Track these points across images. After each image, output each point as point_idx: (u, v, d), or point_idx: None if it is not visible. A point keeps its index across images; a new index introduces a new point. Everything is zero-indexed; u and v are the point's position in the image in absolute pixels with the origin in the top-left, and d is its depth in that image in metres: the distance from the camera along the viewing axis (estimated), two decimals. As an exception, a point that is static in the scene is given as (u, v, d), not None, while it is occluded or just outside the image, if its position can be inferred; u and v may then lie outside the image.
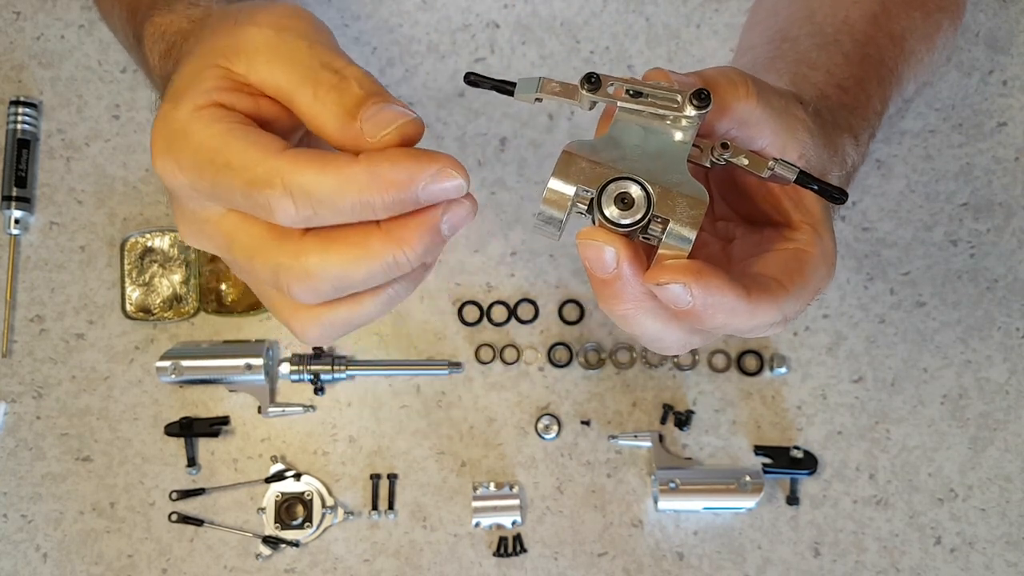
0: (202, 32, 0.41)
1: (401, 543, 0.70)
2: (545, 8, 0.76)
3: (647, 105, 0.37)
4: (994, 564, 0.71)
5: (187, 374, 0.69)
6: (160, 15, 0.46)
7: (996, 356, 0.73)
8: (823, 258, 0.42)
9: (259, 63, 0.36)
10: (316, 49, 0.36)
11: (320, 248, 0.35)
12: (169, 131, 0.36)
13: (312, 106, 0.35)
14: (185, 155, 0.35)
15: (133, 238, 0.72)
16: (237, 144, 0.34)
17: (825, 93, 0.49)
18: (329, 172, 0.33)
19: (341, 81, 0.35)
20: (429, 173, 0.34)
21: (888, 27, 0.54)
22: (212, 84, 0.36)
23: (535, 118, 0.75)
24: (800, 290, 0.40)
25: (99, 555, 0.70)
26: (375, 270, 0.35)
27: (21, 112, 0.73)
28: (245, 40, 0.36)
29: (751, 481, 0.68)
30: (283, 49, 0.36)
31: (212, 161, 0.35)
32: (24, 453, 0.71)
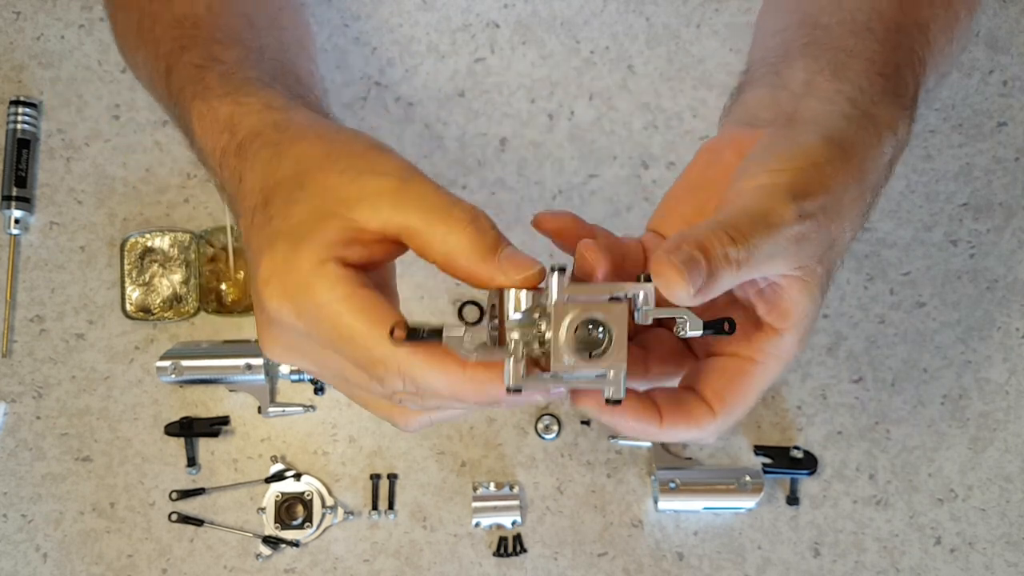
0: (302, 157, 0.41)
1: (401, 543, 0.71)
2: (545, 8, 0.76)
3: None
4: (994, 564, 0.71)
5: (187, 374, 0.69)
6: (219, 102, 0.45)
7: (996, 356, 0.73)
8: (776, 360, 0.42)
9: (385, 208, 0.38)
10: (442, 192, 0.39)
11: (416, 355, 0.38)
12: (290, 278, 0.38)
13: (444, 242, 0.38)
14: (307, 308, 0.38)
15: (133, 238, 0.72)
16: (359, 320, 0.37)
17: (868, 82, 0.46)
18: (441, 375, 0.37)
19: (476, 219, 0.38)
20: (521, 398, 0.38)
21: (914, 15, 0.52)
22: (334, 236, 0.38)
23: (535, 118, 0.75)
24: (732, 410, 0.42)
25: (99, 555, 0.70)
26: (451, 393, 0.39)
27: (21, 112, 0.73)
28: (370, 189, 0.38)
29: (751, 481, 0.68)
30: (412, 193, 0.38)
31: (334, 326, 0.38)
32: (24, 453, 0.71)
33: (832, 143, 0.42)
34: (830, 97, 0.45)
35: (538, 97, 0.75)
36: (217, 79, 0.47)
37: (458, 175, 0.74)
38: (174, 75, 0.50)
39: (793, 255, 0.39)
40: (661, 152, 0.75)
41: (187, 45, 0.50)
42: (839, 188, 0.41)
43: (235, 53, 0.49)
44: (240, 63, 0.48)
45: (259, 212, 0.41)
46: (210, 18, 0.51)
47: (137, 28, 0.56)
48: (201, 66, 0.48)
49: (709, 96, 0.75)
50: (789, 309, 0.41)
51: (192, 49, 0.49)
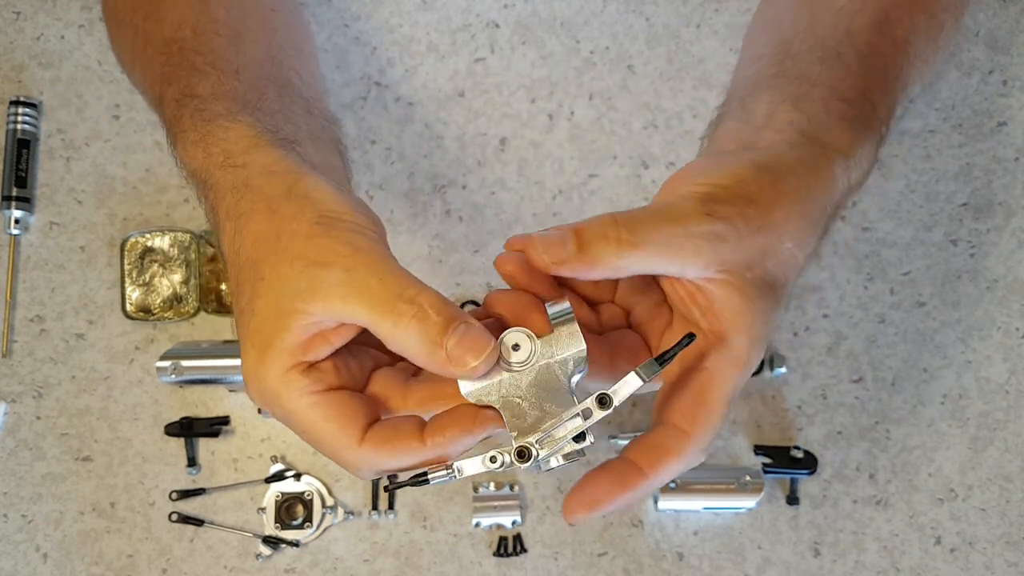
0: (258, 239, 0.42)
1: (401, 543, 0.71)
2: (545, 8, 0.76)
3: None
4: (994, 564, 0.71)
5: (187, 374, 0.69)
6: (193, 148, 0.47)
7: (996, 356, 0.73)
8: (730, 367, 0.42)
9: (334, 301, 0.39)
10: (387, 281, 0.40)
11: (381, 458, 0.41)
12: (262, 388, 0.41)
13: (394, 335, 0.39)
14: (278, 413, 0.42)
15: (133, 238, 0.72)
16: (323, 427, 0.41)
17: (824, 110, 0.48)
18: (403, 456, 0.41)
19: (419, 311, 0.39)
20: (480, 436, 0.41)
21: (892, 33, 0.53)
22: (294, 340, 0.40)
23: (535, 118, 0.75)
24: (704, 424, 0.43)
25: (99, 555, 0.70)
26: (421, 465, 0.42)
27: (21, 112, 0.73)
28: (318, 281, 0.40)
29: (751, 481, 0.68)
30: (355, 286, 0.39)
31: (305, 432, 0.42)
32: (24, 453, 0.71)
33: (761, 167, 0.44)
34: (782, 128, 0.47)
35: (538, 97, 0.75)
36: (190, 120, 0.48)
37: (458, 175, 0.74)
38: (164, 107, 0.51)
39: (706, 252, 0.41)
40: (661, 152, 0.75)
41: (170, 77, 0.51)
42: (765, 201, 0.43)
43: (210, 83, 0.50)
44: (213, 95, 0.49)
45: (234, 297, 0.44)
46: (194, 40, 0.52)
47: (132, 47, 0.57)
48: (179, 102, 0.50)
49: (709, 96, 0.75)
50: (720, 309, 0.42)
51: (174, 83, 0.51)
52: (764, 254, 0.43)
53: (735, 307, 0.42)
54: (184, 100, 0.49)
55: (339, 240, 0.41)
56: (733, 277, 0.42)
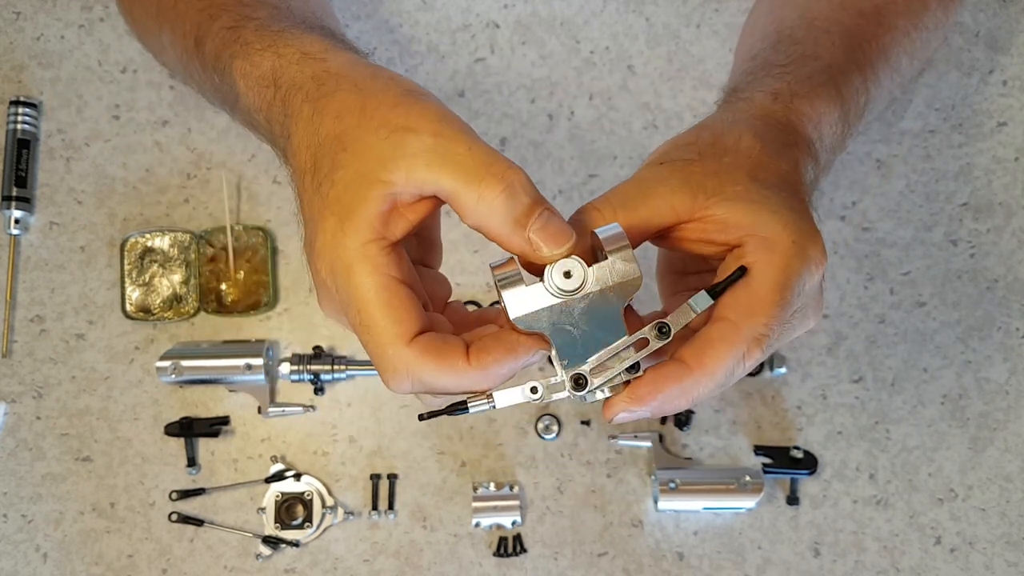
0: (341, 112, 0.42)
1: (401, 543, 0.71)
2: (545, 8, 0.76)
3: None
4: (994, 564, 0.71)
5: (187, 374, 0.69)
6: (260, 56, 0.46)
7: (996, 356, 0.73)
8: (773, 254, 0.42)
9: (419, 169, 0.39)
10: (475, 152, 0.39)
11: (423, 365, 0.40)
12: (336, 257, 0.40)
13: (478, 208, 0.39)
14: (344, 287, 0.40)
15: (133, 238, 0.72)
16: (382, 312, 0.39)
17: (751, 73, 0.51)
18: (446, 373, 0.39)
19: (508, 187, 0.39)
20: (525, 361, 0.40)
21: (857, 5, 0.56)
22: (375, 211, 0.39)
23: (535, 118, 0.75)
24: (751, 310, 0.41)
25: (99, 555, 0.70)
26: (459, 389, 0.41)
27: (21, 112, 0.73)
28: (405, 149, 0.39)
29: (751, 481, 0.68)
30: (444, 153, 0.39)
31: (360, 311, 0.40)
32: (24, 453, 0.71)
33: (694, 127, 0.48)
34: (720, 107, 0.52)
35: (538, 97, 0.75)
36: (254, 34, 0.47)
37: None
38: (207, 44, 0.50)
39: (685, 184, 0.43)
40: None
41: (215, 14, 0.50)
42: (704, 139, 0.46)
43: (266, 11, 0.49)
44: (273, 18, 0.48)
45: (309, 176, 0.42)
46: None
47: (157, 10, 0.56)
48: (235, 27, 0.49)
49: (709, 96, 0.75)
50: (734, 218, 0.42)
51: (221, 16, 0.50)
52: (738, 167, 0.44)
53: (745, 209, 0.42)
54: (242, 23, 0.48)
55: (428, 108, 0.40)
56: (725, 193, 0.43)
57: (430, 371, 0.39)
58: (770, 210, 0.42)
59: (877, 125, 0.70)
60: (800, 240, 0.42)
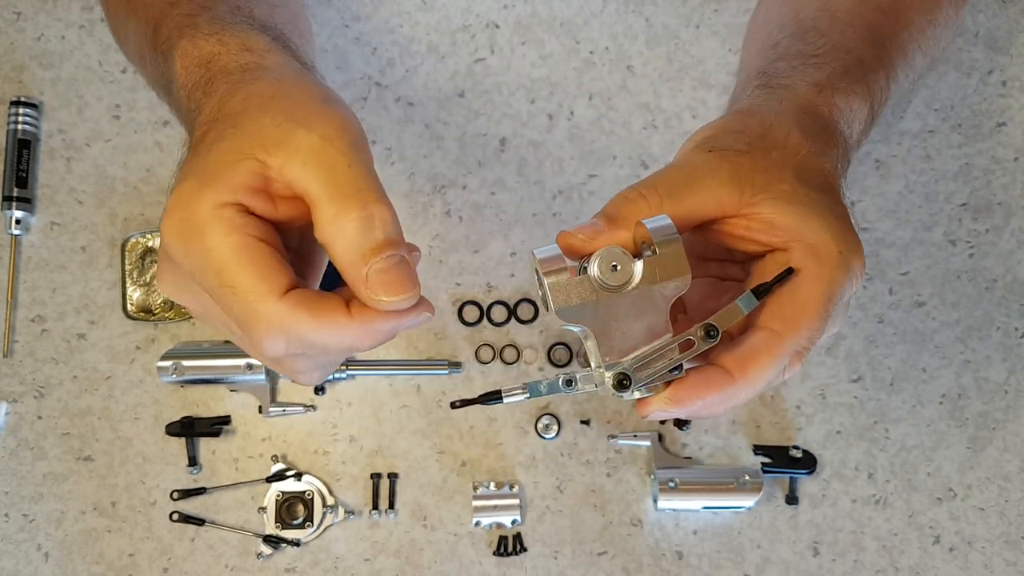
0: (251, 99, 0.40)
1: (401, 542, 0.71)
2: (545, 8, 0.76)
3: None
4: (993, 563, 0.71)
5: (188, 374, 0.69)
6: (205, 40, 0.45)
7: (995, 356, 0.73)
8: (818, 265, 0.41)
9: (295, 163, 0.37)
10: (354, 171, 0.37)
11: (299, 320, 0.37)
12: (187, 217, 0.37)
13: (330, 224, 0.36)
14: (195, 250, 0.37)
15: (134, 238, 0.73)
16: (245, 270, 0.36)
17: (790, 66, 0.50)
18: (325, 326, 0.36)
19: (366, 218, 0.36)
20: (411, 321, 0.37)
21: (877, 2, 0.56)
22: (241, 180, 0.37)
23: (535, 118, 0.75)
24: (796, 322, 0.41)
25: (100, 554, 0.70)
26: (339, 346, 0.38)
27: (22, 112, 0.73)
28: (290, 140, 0.37)
29: (750, 480, 0.69)
30: (323, 158, 0.37)
31: (219, 273, 0.36)
32: (26, 453, 0.71)
33: (737, 111, 0.47)
34: (748, 93, 0.51)
35: (538, 97, 0.75)
36: (207, 22, 0.46)
37: (458, 175, 0.75)
38: (163, 29, 0.49)
39: (729, 179, 0.42)
40: (660, 152, 0.75)
41: (176, 1, 0.49)
42: (753, 128, 0.44)
43: (225, 7, 0.48)
44: (231, 13, 0.48)
45: (193, 143, 0.40)
46: None
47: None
48: (191, 14, 0.48)
49: (708, 96, 0.75)
50: (781, 220, 0.42)
51: (182, 4, 0.49)
52: (787, 165, 0.43)
53: (793, 211, 0.42)
54: (199, 12, 0.48)
55: (334, 115, 0.38)
56: (773, 192, 0.42)
57: (306, 326, 0.36)
58: (818, 215, 0.42)
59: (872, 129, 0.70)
60: (847, 251, 0.41)
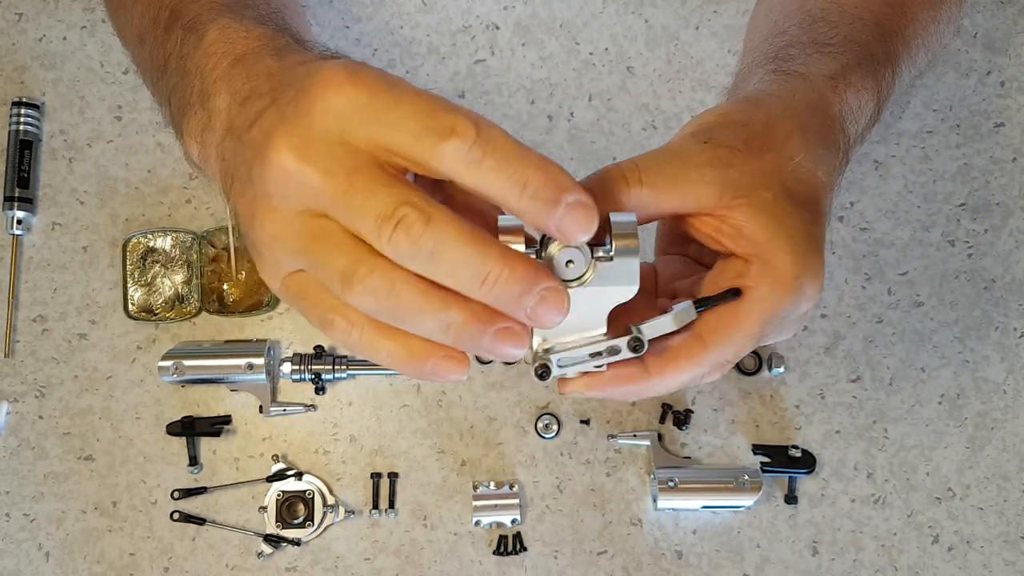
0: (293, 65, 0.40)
1: (402, 541, 0.71)
2: (545, 10, 0.76)
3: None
4: (992, 563, 0.71)
5: (189, 374, 0.70)
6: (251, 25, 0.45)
7: (993, 356, 0.73)
8: (771, 286, 0.41)
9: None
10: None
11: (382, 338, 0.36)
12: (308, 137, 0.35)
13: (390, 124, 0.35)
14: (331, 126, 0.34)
15: (135, 239, 0.73)
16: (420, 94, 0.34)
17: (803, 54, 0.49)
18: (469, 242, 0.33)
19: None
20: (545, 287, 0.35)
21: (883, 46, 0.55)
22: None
23: (535, 119, 0.75)
24: (728, 336, 0.41)
25: (101, 554, 0.70)
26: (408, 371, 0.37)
27: (23, 113, 0.73)
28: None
29: (749, 480, 0.69)
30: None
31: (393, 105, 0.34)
32: (26, 452, 0.71)
33: (744, 99, 0.46)
34: (760, 77, 0.49)
35: (538, 98, 0.76)
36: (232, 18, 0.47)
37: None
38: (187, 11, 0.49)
39: (715, 178, 0.41)
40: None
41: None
42: (757, 123, 0.43)
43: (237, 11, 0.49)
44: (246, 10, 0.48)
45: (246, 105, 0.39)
46: None
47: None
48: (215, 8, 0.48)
49: (708, 97, 0.76)
50: (751, 232, 0.41)
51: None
52: (777, 172, 0.42)
53: (764, 225, 0.41)
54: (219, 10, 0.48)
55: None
56: (752, 199, 0.41)
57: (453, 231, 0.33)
58: (788, 235, 0.41)
59: (875, 126, 0.71)
60: (803, 276, 0.41)
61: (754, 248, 0.41)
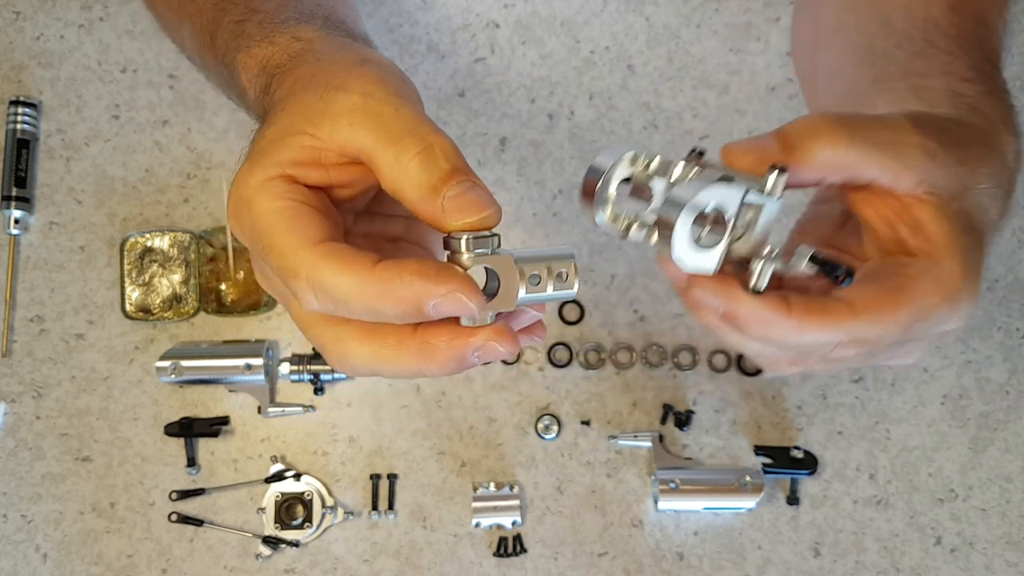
0: (296, 82, 0.41)
1: (401, 543, 0.70)
2: (545, 8, 0.76)
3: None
4: (994, 564, 0.71)
5: (187, 374, 0.69)
6: (257, 47, 0.46)
7: (996, 356, 0.73)
8: (935, 286, 0.40)
9: (343, 126, 0.37)
10: (402, 114, 0.37)
11: (358, 339, 0.37)
12: (238, 195, 0.38)
13: (392, 170, 0.36)
14: (244, 223, 0.38)
15: (133, 238, 0.72)
16: (282, 227, 0.36)
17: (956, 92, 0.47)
18: (347, 275, 0.35)
19: (426, 150, 0.36)
20: (437, 295, 0.35)
21: (970, 11, 0.52)
22: (289, 156, 0.38)
23: (535, 118, 0.75)
24: (880, 315, 0.39)
25: (99, 555, 0.70)
26: (400, 374, 0.38)
27: (21, 112, 0.73)
28: (333, 105, 0.38)
29: (751, 481, 0.68)
30: (369, 112, 0.37)
31: (260, 237, 0.37)
32: (24, 453, 0.71)
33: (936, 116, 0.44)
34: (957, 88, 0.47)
35: (538, 97, 0.75)
36: (256, 27, 0.47)
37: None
38: (218, 39, 0.50)
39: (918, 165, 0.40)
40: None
41: (226, 7, 0.50)
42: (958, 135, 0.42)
43: (273, 4, 0.49)
44: (278, 10, 0.48)
45: (253, 138, 0.41)
46: None
47: (178, 4, 0.56)
48: (241, 20, 0.48)
49: (709, 96, 0.75)
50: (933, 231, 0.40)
51: (231, 10, 0.49)
52: (965, 189, 0.42)
53: (946, 230, 0.40)
54: (248, 17, 0.48)
55: (369, 72, 0.39)
56: (942, 202, 0.40)
57: (330, 273, 0.35)
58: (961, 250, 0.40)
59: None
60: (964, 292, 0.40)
61: (928, 247, 0.41)
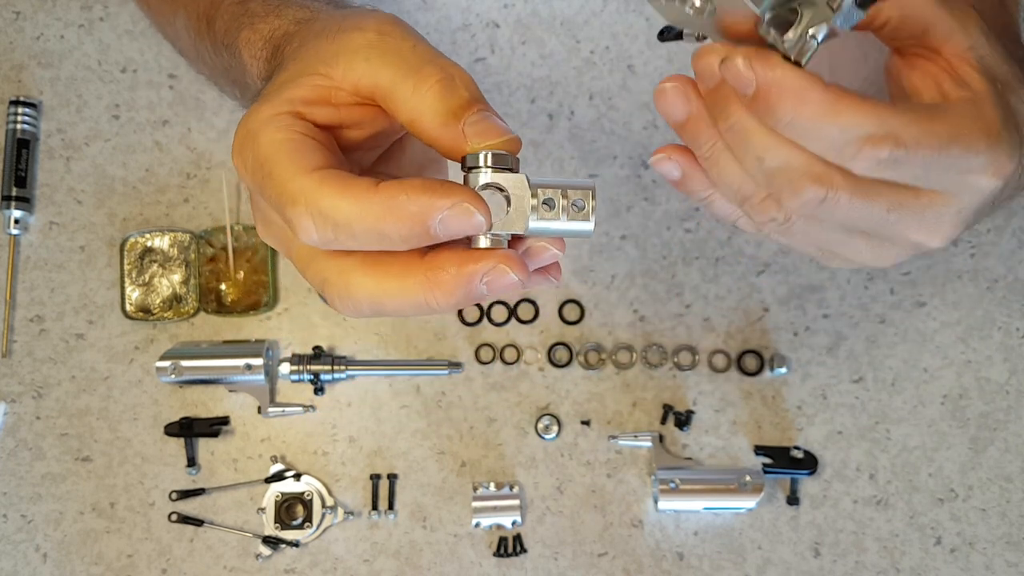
0: (308, 34, 0.41)
1: (401, 543, 0.70)
2: (545, 8, 0.76)
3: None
4: (994, 564, 0.70)
5: (187, 374, 0.69)
6: (262, 22, 0.45)
7: (996, 356, 0.73)
8: (976, 121, 0.39)
9: (358, 62, 0.37)
10: (420, 48, 0.37)
11: (362, 270, 0.36)
12: (245, 130, 0.37)
13: (410, 100, 0.36)
14: (248, 156, 0.36)
15: (133, 238, 0.72)
16: (283, 156, 0.35)
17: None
18: (347, 197, 0.34)
19: (446, 78, 0.36)
20: (443, 208, 0.34)
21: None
22: (300, 93, 0.37)
23: (535, 118, 0.75)
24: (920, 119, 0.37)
25: (99, 555, 0.70)
26: (406, 307, 0.36)
27: (21, 112, 0.73)
28: (347, 43, 0.37)
29: (751, 481, 0.68)
30: (386, 47, 0.37)
31: (261, 168, 0.36)
32: (24, 453, 0.71)
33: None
34: None
35: (538, 97, 0.75)
36: (260, 5, 0.47)
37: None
38: (218, 22, 0.49)
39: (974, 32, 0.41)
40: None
41: None
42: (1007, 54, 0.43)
43: None
44: None
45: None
46: None
47: None
48: (243, 1, 0.48)
49: (709, 96, 0.75)
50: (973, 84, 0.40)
51: None
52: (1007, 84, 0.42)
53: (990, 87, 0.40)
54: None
55: (384, 14, 0.39)
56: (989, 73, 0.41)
57: (329, 197, 0.34)
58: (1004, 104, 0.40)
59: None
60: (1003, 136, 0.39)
61: (971, 94, 0.40)
